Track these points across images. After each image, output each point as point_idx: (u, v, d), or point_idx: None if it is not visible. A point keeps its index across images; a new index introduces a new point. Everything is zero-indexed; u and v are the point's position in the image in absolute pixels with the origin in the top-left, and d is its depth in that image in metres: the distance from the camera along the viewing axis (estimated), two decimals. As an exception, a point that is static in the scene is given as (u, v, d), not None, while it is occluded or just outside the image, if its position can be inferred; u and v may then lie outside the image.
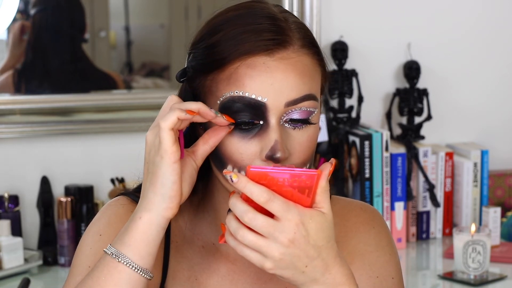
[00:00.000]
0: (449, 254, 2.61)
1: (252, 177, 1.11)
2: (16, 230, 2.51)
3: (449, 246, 2.69)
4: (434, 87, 2.92)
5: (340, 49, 2.81)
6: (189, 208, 1.33)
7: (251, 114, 1.18)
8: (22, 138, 2.64)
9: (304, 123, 1.21)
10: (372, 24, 2.87)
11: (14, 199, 2.54)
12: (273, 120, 1.18)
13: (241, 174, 1.12)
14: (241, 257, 1.15)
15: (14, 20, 2.62)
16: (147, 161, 1.18)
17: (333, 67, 2.80)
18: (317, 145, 2.70)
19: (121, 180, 2.62)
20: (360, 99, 2.82)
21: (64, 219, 2.54)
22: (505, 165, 3.01)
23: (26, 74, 2.65)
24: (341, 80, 2.81)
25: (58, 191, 2.64)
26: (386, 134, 2.71)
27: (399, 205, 2.74)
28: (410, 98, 2.85)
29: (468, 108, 2.99)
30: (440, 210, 2.82)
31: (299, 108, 1.20)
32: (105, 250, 1.17)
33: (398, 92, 2.87)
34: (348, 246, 1.33)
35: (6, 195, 2.53)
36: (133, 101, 2.74)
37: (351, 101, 2.84)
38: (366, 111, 2.87)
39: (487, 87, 3.01)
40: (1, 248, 2.41)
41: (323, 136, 2.74)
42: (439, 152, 2.82)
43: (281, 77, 1.18)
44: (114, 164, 2.67)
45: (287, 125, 1.20)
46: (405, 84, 2.89)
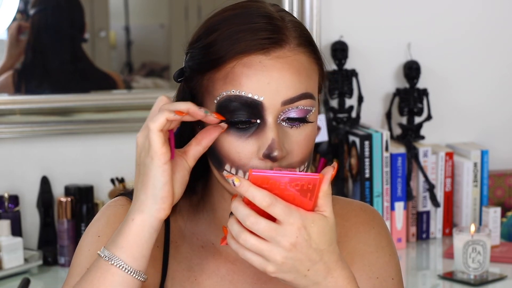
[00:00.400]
0: (449, 254, 2.60)
1: (254, 181, 1.11)
2: (16, 230, 2.51)
3: (449, 246, 2.68)
4: (434, 87, 2.92)
5: (340, 49, 2.81)
6: (189, 208, 1.33)
7: (248, 113, 1.18)
8: (22, 138, 2.64)
9: (302, 122, 1.21)
10: (372, 24, 2.87)
11: (14, 199, 2.54)
12: (270, 119, 1.18)
13: (243, 178, 1.12)
14: (241, 257, 1.15)
15: (14, 20, 2.62)
16: (138, 163, 1.17)
17: (333, 67, 2.80)
18: (317, 145, 2.74)
19: (121, 180, 2.62)
20: (360, 99, 2.82)
21: (64, 219, 2.54)
22: (505, 165, 3.01)
23: (26, 74, 2.65)
24: (341, 80, 2.80)
25: (58, 191, 2.64)
26: (386, 134, 2.70)
27: (399, 205, 2.74)
28: (410, 98, 2.84)
29: (468, 108, 2.99)
30: (440, 210, 2.82)
31: (296, 107, 1.19)
32: (99, 253, 1.18)
33: (398, 92, 2.86)
34: (348, 246, 1.33)
35: (6, 195, 2.53)
36: (133, 101, 2.74)
37: (351, 101, 2.84)
38: (366, 111, 2.86)
39: (487, 87, 3.00)
40: (1, 248, 2.41)
41: (323, 136, 2.74)
42: (439, 152, 2.81)
43: (278, 76, 1.18)
44: (114, 164, 2.67)
45: (285, 124, 1.20)
46: (405, 84, 2.89)
